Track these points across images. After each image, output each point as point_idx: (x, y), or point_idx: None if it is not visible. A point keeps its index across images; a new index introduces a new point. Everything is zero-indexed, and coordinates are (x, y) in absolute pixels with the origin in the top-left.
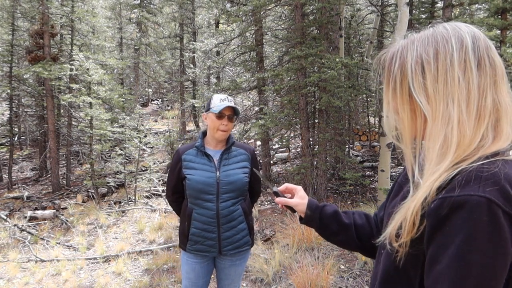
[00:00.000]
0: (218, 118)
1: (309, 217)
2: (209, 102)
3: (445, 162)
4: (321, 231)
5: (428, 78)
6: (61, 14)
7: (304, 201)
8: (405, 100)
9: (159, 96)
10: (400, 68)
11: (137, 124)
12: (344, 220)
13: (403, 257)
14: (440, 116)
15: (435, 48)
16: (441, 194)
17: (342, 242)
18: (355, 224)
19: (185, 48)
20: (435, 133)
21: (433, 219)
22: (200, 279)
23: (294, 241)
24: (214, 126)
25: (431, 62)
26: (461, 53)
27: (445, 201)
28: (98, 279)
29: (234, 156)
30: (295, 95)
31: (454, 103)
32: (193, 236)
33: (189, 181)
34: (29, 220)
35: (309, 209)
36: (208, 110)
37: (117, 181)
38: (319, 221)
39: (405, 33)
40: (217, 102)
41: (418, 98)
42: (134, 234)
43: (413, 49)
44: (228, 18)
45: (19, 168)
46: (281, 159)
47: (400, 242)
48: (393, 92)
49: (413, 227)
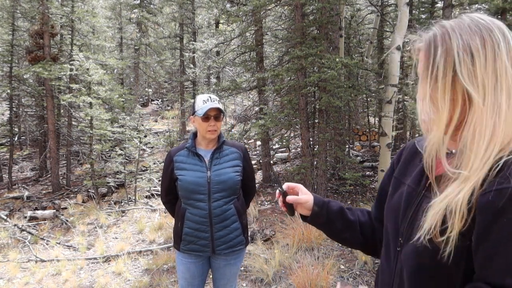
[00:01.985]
0: (204, 120)
1: (316, 213)
2: (193, 104)
3: (493, 153)
4: (326, 228)
5: (477, 66)
6: (61, 14)
7: (311, 197)
8: (447, 88)
9: (159, 96)
10: (444, 55)
11: (137, 124)
12: (349, 217)
13: (447, 253)
14: (490, 105)
15: (481, 37)
16: (493, 186)
17: (346, 240)
18: (360, 221)
19: (185, 48)
20: (484, 122)
21: (488, 211)
22: (196, 279)
23: (294, 241)
24: (202, 128)
25: (479, 50)
26: (505, 43)
27: (501, 192)
28: (98, 279)
29: (226, 155)
30: (295, 95)
31: (503, 92)
32: (186, 236)
33: (181, 181)
34: (29, 220)
35: (317, 205)
36: (194, 113)
37: (117, 181)
38: (326, 217)
39: (405, 33)
40: (200, 104)
41: (467, 85)
42: (134, 234)
43: (458, 37)
44: (228, 18)
45: (19, 168)
46: (281, 159)
47: (447, 236)
48: (434, 80)
49: (461, 219)
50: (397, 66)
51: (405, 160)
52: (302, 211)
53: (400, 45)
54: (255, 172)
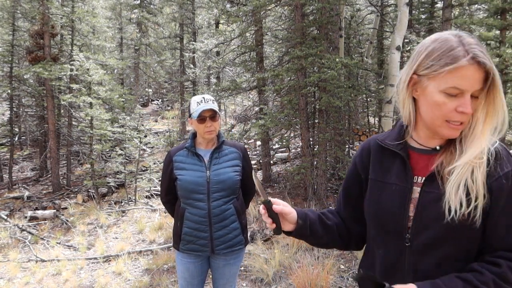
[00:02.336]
0: (200, 122)
1: (301, 226)
2: (189, 106)
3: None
4: (309, 239)
5: None
6: (62, 15)
7: (292, 209)
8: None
9: (159, 96)
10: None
11: (137, 124)
12: (328, 223)
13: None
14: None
15: None
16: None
17: (326, 244)
18: (336, 224)
19: (185, 48)
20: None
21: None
22: (195, 279)
23: (294, 241)
24: (200, 130)
25: None
26: None
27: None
28: (99, 279)
29: (225, 155)
30: (295, 95)
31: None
32: (186, 235)
33: (180, 181)
34: (30, 220)
35: (300, 218)
36: (190, 116)
37: (117, 181)
38: (309, 228)
39: (405, 33)
40: (195, 106)
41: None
42: (134, 234)
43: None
44: (228, 18)
45: (19, 168)
46: (281, 159)
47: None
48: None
49: (484, 198)
50: (397, 66)
51: (376, 161)
52: (285, 227)
53: (400, 45)
54: (255, 172)
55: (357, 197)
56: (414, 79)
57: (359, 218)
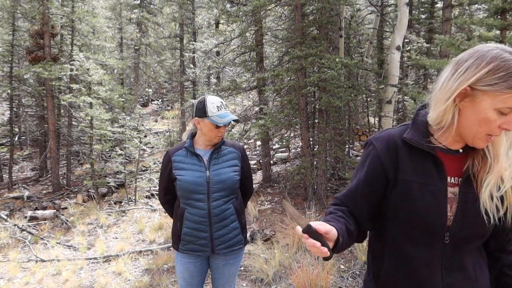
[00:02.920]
0: (217, 127)
1: (341, 243)
2: (202, 107)
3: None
4: (343, 250)
5: None
6: (62, 15)
7: (333, 228)
8: None
9: (159, 96)
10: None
11: (137, 124)
12: (351, 228)
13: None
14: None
15: None
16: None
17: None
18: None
19: (185, 48)
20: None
21: None
22: (195, 279)
23: (294, 241)
24: (211, 133)
25: None
26: None
27: None
28: (98, 279)
29: (224, 155)
30: (295, 95)
31: None
32: (186, 236)
33: (180, 181)
34: (29, 220)
35: (341, 235)
36: (203, 117)
37: (117, 181)
38: (346, 242)
39: (405, 33)
40: (214, 110)
41: None
42: (134, 234)
43: None
44: (228, 18)
45: (19, 168)
46: (281, 159)
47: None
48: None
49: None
50: (397, 66)
51: (405, 160)
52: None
53: (400, 45)
54: (255, 172)
55: (378, 196)
56: (467, 90)
57: (373, 216)
